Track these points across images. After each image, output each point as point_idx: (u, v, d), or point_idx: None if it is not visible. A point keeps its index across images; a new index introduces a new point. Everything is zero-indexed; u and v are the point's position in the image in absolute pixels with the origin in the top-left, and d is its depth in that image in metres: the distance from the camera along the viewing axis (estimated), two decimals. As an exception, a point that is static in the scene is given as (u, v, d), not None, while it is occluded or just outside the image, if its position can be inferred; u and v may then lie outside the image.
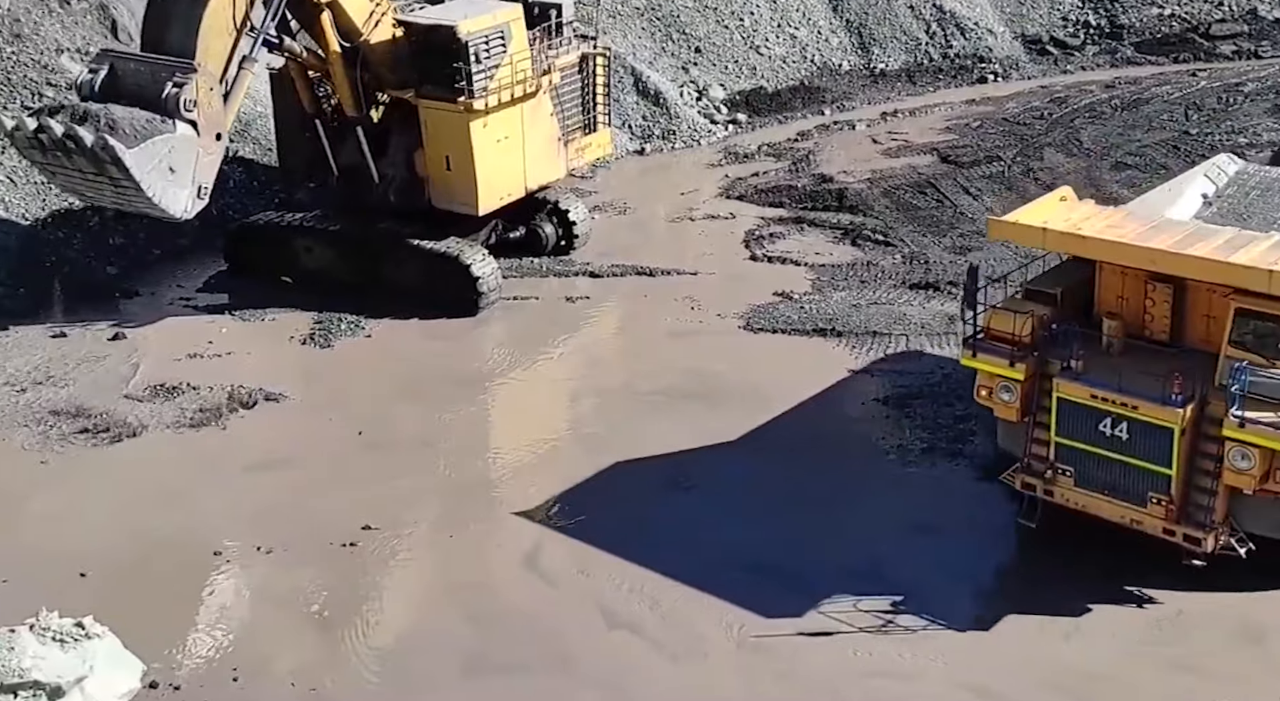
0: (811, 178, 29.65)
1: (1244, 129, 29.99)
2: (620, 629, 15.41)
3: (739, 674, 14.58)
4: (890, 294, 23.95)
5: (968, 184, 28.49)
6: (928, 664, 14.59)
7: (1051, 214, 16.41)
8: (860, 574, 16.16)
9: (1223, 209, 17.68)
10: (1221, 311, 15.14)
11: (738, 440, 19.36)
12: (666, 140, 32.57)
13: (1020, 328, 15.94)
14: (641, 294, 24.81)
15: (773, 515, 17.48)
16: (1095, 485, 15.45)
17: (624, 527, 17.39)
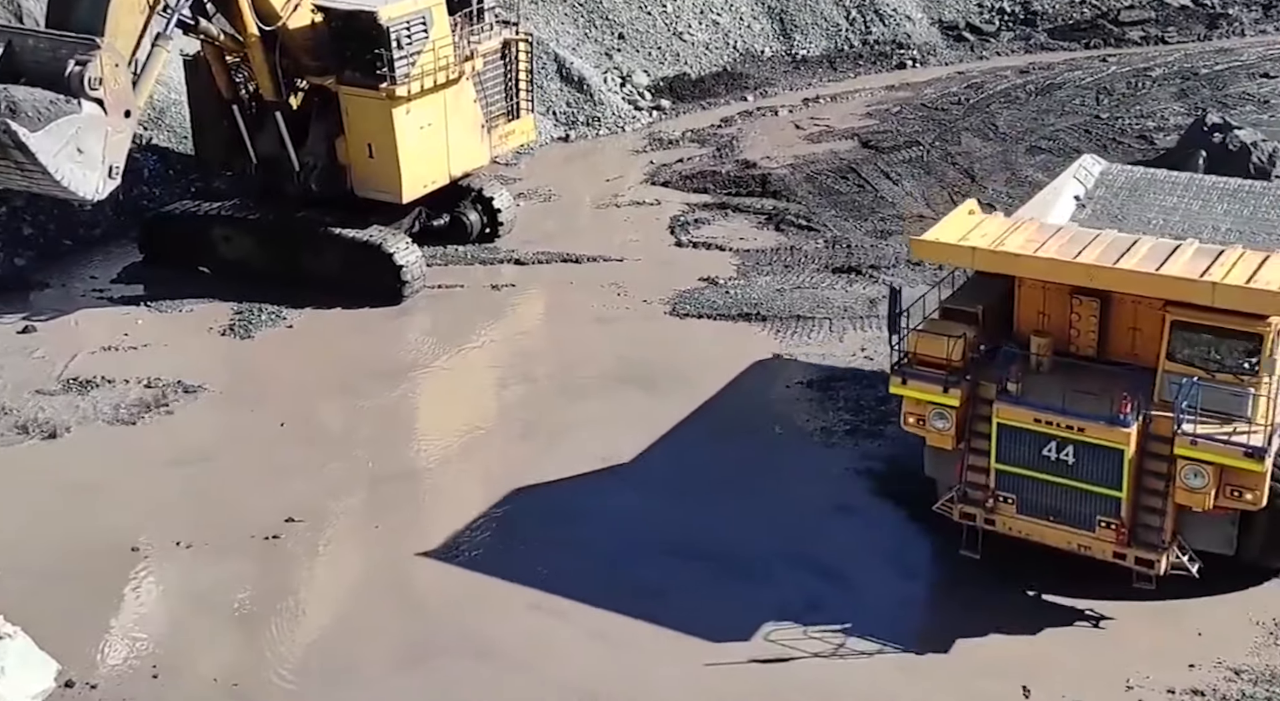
0: (735, 163, 29.82)
1: (1152, 113, 30.74)
2: (547, 615, 15.42)
3: (663, 657, 14.67)
4: (813, 278, 24.22)
5: (888, 169, 28.87)
6: (853, 637, 14.78)
7: (964, 229, 15.55)
8: (786, 555, 16.34)
9: (1096, 211, 17.38)
10: (1148, 323, 14.73)
11: (665, 424, 19.45)
12: (591, 127, 32.51)
13: (951, 351, 15.07)
14: (567, 281, 24.78)
15: (699, 498, 17.61)
16: (1040, 511, 14.77)
17: (551, 514, 17.42)
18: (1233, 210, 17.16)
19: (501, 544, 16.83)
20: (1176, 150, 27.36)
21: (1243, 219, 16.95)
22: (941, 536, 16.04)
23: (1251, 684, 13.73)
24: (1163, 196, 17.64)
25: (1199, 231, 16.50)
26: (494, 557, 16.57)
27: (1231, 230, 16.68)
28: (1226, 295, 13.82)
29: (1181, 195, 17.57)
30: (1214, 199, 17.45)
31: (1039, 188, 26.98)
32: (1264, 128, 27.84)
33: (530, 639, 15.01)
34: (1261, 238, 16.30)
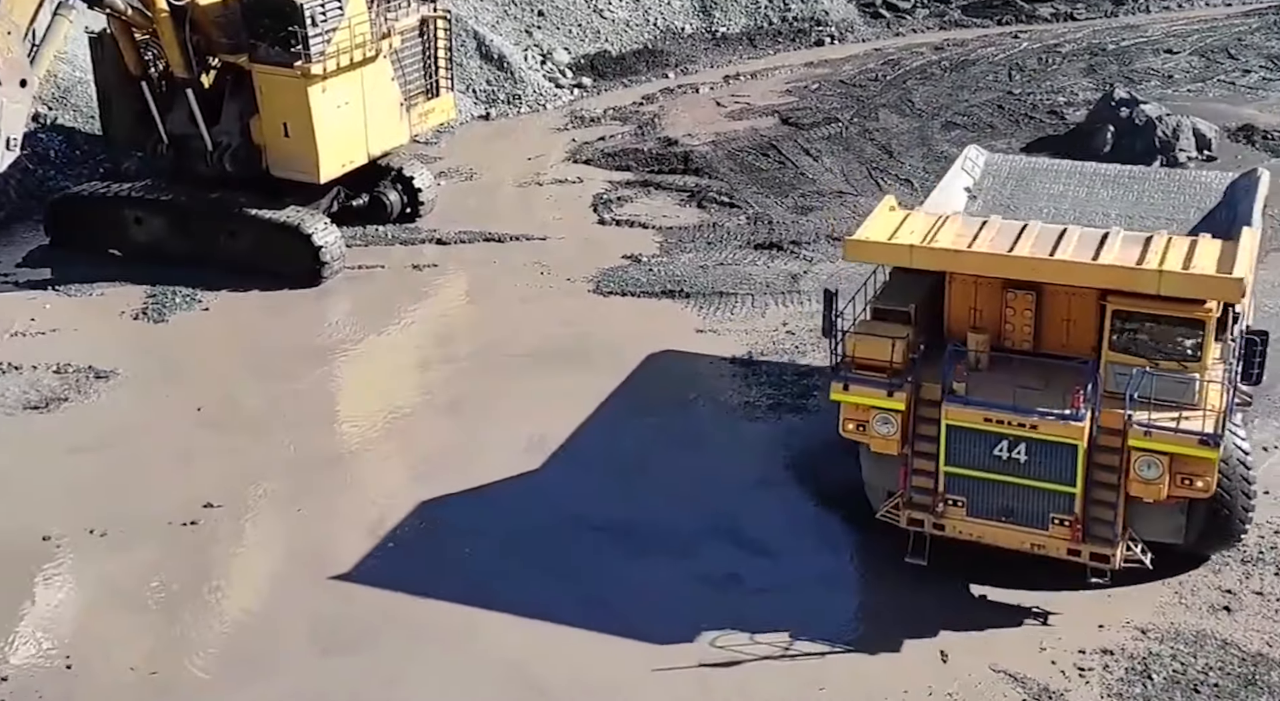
0: (657, 141, 29.85)
1: (1062, 88, 31.35)
2: (474, 596, 15.34)
3: (592, 634, 14.69)
4: (736, 254, 24.36)
5: (808, 145, 29.11)
6: (777, 614, 14.90)
7: (891, 227, 15.23)
8: (710, 529, 16.44)
9: (988, 202, 17.25)
10: (1082, 314, 14.53)
11: (590, 402, 19.45)
12: (511, 105, 32.29)
13: (893, 354, 14.59)
14: (490, 260, 24.62)
15: (624, 475, 17.65)
16: (991, 512, 14.41)
17: (476, 493, 17.33)
18: (1118, 195, 17.30)
19: (427, 525, 16.72)
20: (1085, 125, 27.98)
21: (1129, 204, 17.10)
22: (861, 510, 16.23)
23: (1158, 642, 14.16)
24: (1048, 184, 17.58)
25: (1090, 218, 16.57)
26: (420, 539, 16.46)
27: (1121, 216, 16.77)
28: (1172, 283, 13.59)
29: (1066, 182, 17.65)
30: (1098, 185, 17.59)
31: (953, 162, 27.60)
32: (1168, 102, 28.60)
33: (457, 621, 14.94)
34: (1150, 222, 16.40)
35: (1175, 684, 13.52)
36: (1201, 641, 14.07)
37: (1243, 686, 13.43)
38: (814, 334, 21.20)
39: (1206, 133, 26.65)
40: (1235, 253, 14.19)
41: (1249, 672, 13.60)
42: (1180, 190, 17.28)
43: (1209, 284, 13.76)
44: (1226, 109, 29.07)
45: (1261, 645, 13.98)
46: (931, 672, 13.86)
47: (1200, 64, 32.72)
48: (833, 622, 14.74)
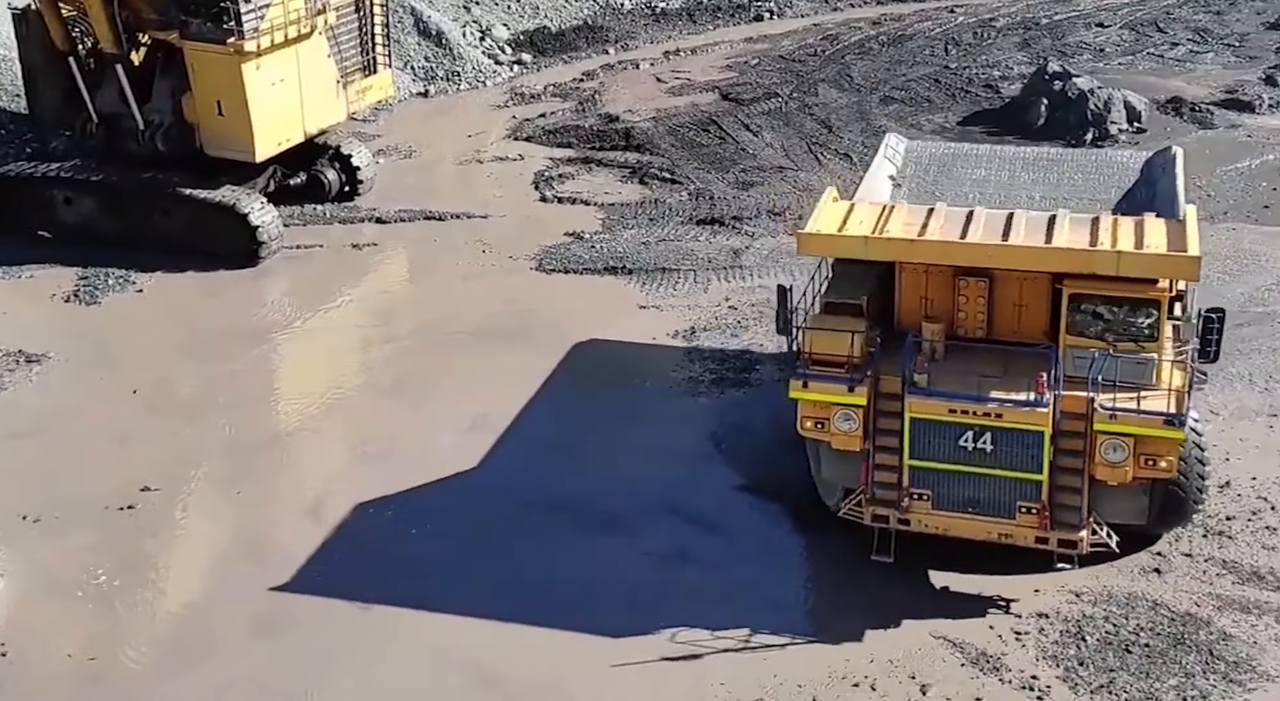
0: (598, 117, 29.75)
1: (997, 62, 31.69)
2: (418, 578, 15.28)
3: (539, 613, 14.65)
4: (678, 230, 24.39)
5: (748, 120, 29.17)
6: (723, 588, 15.01)
7: (839, 218, 15.02)
8: (656, 506, 16.46)
9: (914, 189, 17.16)
10: (1033, 299, 14.45)
11: (533, 379, 19.42)
12: (451, 82, 32.01)
13: (852, 348, 14.33)
14: (431, 238, 24.45)
15: (569, 452, 17.64)
16: (957, 504, 14.23)
17: (419, 474, 17.21)
18: (1039, 178, 17.37)
19: (370, 506, 16.61)
20: (1020, 98, 28.32)
21: (1051, 185, 17.18)
22: (805, 483, 16.37)
23: (1091, 605, 14.45)
24: (970, 170, 17.54)
25: (1015, 201, 16.60)
26: (361, 521, 16.35)
27: (1044, 198, 16.82)
28: (1131, 263, 13.56)
29: (988, 167, 17.69)
30: (1019, 168, 17.50)
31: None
32: (1100, 76, 29.02)
33: (399, 604, 14.85)
34: (1074, 203, 16.48)
35: (1108, 645, 13.83)
36: (1133, 603, 14.40)
37: (1172, 645, 13.78)
38: (756, 308, 21.33)
39: (1136, 105, 27.10)
40: (1184, 231, 14.20)
41: (1178, 632, 13.95)
42: (1098, 170, 17.40)
43: (1168, 263, 13.72)
44: (1155, 82, 29.58)
45: (1190, 605, 14.34)
46: (873, 640, 14.05)
47: (1130, 37, 33.23)
48: (776, 594, 14.87)
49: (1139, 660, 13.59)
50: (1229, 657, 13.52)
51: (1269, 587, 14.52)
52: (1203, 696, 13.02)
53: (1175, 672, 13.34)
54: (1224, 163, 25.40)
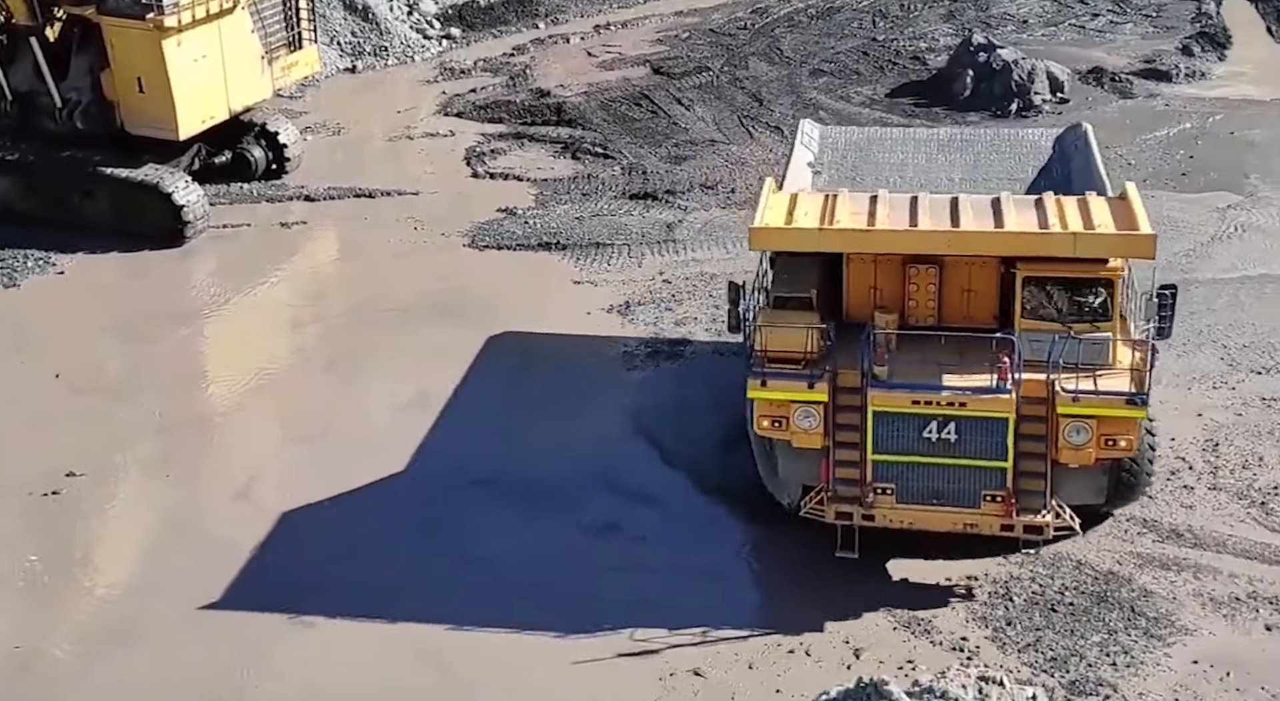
0: (529, 92, 29.57)
1: (924, 34, 31.93)
2: (355, 557, 15.19)
3: (477, 590, 14.66)
4: (611, 205, 24.37)
5: (680, 94, 29.17)
6: (663, 561, 15.09)
7: (785, 210, 14.69)
8: (592, 480, 16.49)
9: (834, 176, 16.92)
10: (982, 284, 14.33)
11: (468, 355, 19.33)
12: (378, 57, 31.59)
13: (808, 343, 13.97)
14: (361, 216, 24.17)
15: (505, 428, 17.61)
16: (922, 497, 14.01)
17: (355, 450, 17.11)
18: (956, 159, 17.35)
19: (305, 485, 16.45)
20: (946, 70, 28.62)
21: (969, 167, 17.18)
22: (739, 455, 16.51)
23: (1018, 566, 14.69)
24: (887, 154, 17.45)
25: (937, 184, 16.38)
26: (295, 502, 16.17)
27: (964, 180, 16.63)
28: (1088, 244, 13.52)
29: (904, 150, 17.65)
30: (934, 150, 17.44)
31: (822, 109, 28.03)
32: (1023, 47, 29.41)
33: (336, 584, 14.75)
34: (994, 183, 16.34)
35: (1034, 604, 14.15)
36: (1058, 563, 14.71)
37: (1096, 603, 14.14)
38: (690, 282, 21.42)
39: (1059, 76, 27.54)
40: (1130, 208, 14.20)
41: (1101, 590, 14.31)
42: (1011, 149, 17.38)
43: (1125, 242, 13.69)
44: (1077, 52, 30.03)
45: (1113, 564, 14.72)
46: (807, 607, 14.20)
47: (1052, 8, 33.64)
48: (711, 565, 14.95)
49: (1064, 618, 13.93)
50: (1150, 613, 13.91)
51: (1187, 545, 14.96)
52: (1125, 652, 13.40)
53: (1099, 629, 13.71)
54: (1143, 131, 25.92)
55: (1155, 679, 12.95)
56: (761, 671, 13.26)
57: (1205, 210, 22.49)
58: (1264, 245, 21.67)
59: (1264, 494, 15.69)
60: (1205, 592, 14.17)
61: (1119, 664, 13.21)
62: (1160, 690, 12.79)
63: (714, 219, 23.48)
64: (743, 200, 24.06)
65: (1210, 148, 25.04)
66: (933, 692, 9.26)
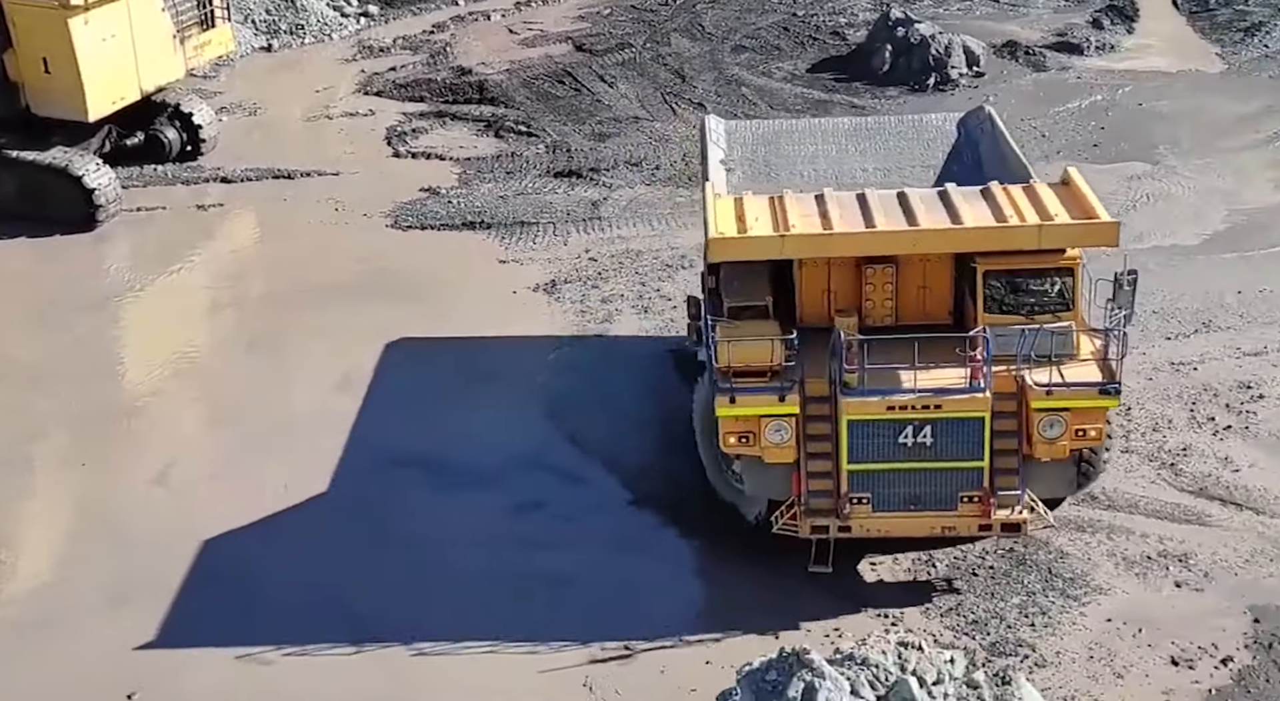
0: (450, 70, 29.29)
1: (843, 9, 32.09)
2: (274, 541, 15.04)
3: (389, 567, 14.59)
4: (535, 183, 24.26)
5: (603, 71, 29.10)
6: (578, 534, 15.15)
7: (731, 214, 14.12)
8: (518, 459, 16.45)
9: (748, 172, 16.46)
10: (935, 281, 14.10)
11: (393, 336, 19.15)
12: (295, 35, 31.04)
13: (773, 355, 13.37)
14: (280, 197, 23.82)
15: (431, 409, 17.52)
16: (898, 503, 13.62)
17: (277, 436, 16.92)
18: (865, 148, 16.93)
19: (224, 468, 16.27)
20: (865, 45, 28.87)
21: (880, 156, 16.81)
22: (666, 431, 16.58)
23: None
24: (796, 146, 17.05)
25: (853, 175, 16.23)
26: (217, 485, 15.99)
27: (879, 169, 16.47)
28: (1054, 235, 13.34)
29: (813, 141, 17.13)
30: (843, 140, 17.14)
31: (744, 85, 28.17)
32: (940, 21, 29.76)
33: (259, 566, 14.60)
34: (908, 171, 16.29)
35: (956, 569, 14.42)
36: (980, 528, 15.04)
37: (1015, 566, 14.44)
38: (616, 259, 21.44)
39: (975, 49, 27.93)
40: (1080, 194, 14.04)
41: (1020, 553, 14.61)
42: (918, 135, 17.22)
43: (1089, 231, 13.55)
44: (992, 26, 30.44)
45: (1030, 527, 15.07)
46: (732, 579, 14.36)
47: (966, -19, 34.06)
48: (634, 538, 15.01)
49: (985, 582, 14.24)
50: (1066, 574, 14.29)
51: (1100, 507, 15.36)
52: (1043, 612, 13.76)
53: (1018, 592, 14.05)
54: (1056, 103, 26.41)
55: (1071, 637, 13.32)
56: (690, 644, 13.40)
57: (1116, 180, 23.01)
58: (1172, 214, 22.27)
59: (1173, 455, 16.18)
60: (1119, 553, 14.55)
61: (1037, 624, 13.56)
62: (1076, 648, 13.17)
63: (639, 196, 23.52)
64: (667, 177, 24.15)
65: (1120, 119, 25.60)
66: (854, 660, 9.44)
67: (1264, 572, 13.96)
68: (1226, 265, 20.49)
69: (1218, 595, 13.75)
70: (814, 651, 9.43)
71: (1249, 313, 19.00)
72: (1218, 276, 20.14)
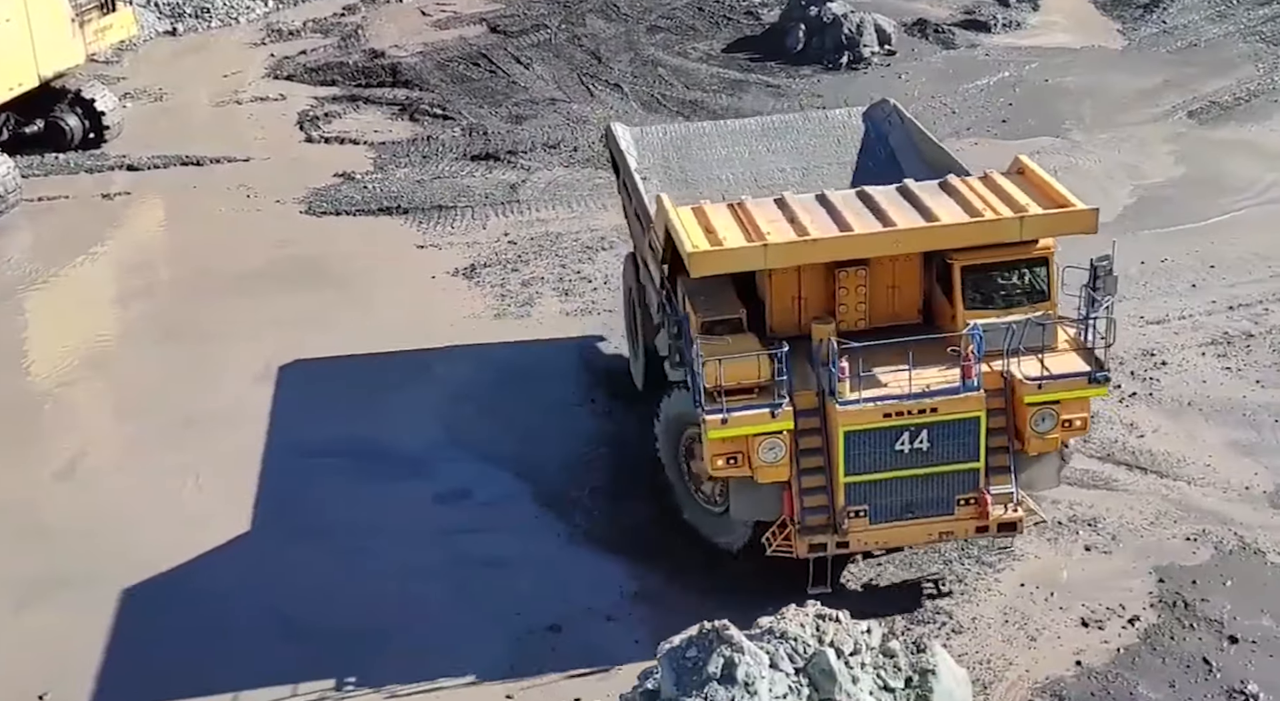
0: (363, 53, 28.91)
1: (754, -11, 32.35)
2: (194, 529, 14.75)
3: (314, 558, 14.43)
4: (452, 167, 24.07)
5: (518, 53, 28.92)
6: (503, 519, 15.07)
7: (696, 226, 13.41)
8: (441, 445, 16.28)
9: (663, 179, 16.02)
10: (905, 280, 13.72)
11: (309, 325, 18.88)
12: (200, 19, 30.40)
13: (760, 370, 12.73)
14: (189, 185, 23.35)
15: (351, 396, 17.31)
16: (895, 513, 13.09)
17: (192, 427, 16.58)
18: (777, 147, 16.62)
19: (134, 460, 15.94)
20: (779, 24, 29.07)
21: (794, 154, 16.57)
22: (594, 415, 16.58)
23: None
24: (707, 150, 16.66)
25: (771, 176, 16.00)
26: (128, 477, 15.66)
27: (795, 168, 16.26)
28: (1034, 226, 13.10)
29: (724, 144, 16.74)
30: (754, 140, 16.77)
31: (661, 65, 28.19)
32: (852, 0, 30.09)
33: (172, 561, 14.29)
34: (825, 169, 16.14)
35: (875, 541, 14.66)
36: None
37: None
38: (536, 242, 21.36)
39: (886, 28, 28.26)
40: (1039, 182, 13.88)
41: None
42: (826, 132, 17.00)
43: (1068, 219, 13.35)
44: (902, 4, 30.74)
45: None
46: (660, 557, 14.35)
47: (877, -39, 34.41)
48: (565, 523, 14.95)
49: (903, 553, 14.50)
50: (980, 542, 14.58)
51: (1012, 473, 15.72)
52: (959, 580, 14.00)
53: (935, 561, 14.27)
54: (965, 81, 26.86)
55: (987, 603, 13.60)
56: (619, 623, 13.42)
57: (1025, 156, 23.43)
58: (1081, 189, 21.96)
59: (1082, 422, 16.60)
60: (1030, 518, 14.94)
61: (954, 592, 13.84)
62: (991, 613, 13.47)
63: (558, 178, 23.45)
64: (585, 159, 24.12)
65: (1027, 95, 26.12)
66: (773, 633, 9.56)
67: (1168, 534, 14.39)
68: (1131, 237, 21.07)
69: (1125, 557, 14.13)
70: (733, 627, 9.53)
71: (1152, 282, 19.55)
72: (1123, 248, 20.61)
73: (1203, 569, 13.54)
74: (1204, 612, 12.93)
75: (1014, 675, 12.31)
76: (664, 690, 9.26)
